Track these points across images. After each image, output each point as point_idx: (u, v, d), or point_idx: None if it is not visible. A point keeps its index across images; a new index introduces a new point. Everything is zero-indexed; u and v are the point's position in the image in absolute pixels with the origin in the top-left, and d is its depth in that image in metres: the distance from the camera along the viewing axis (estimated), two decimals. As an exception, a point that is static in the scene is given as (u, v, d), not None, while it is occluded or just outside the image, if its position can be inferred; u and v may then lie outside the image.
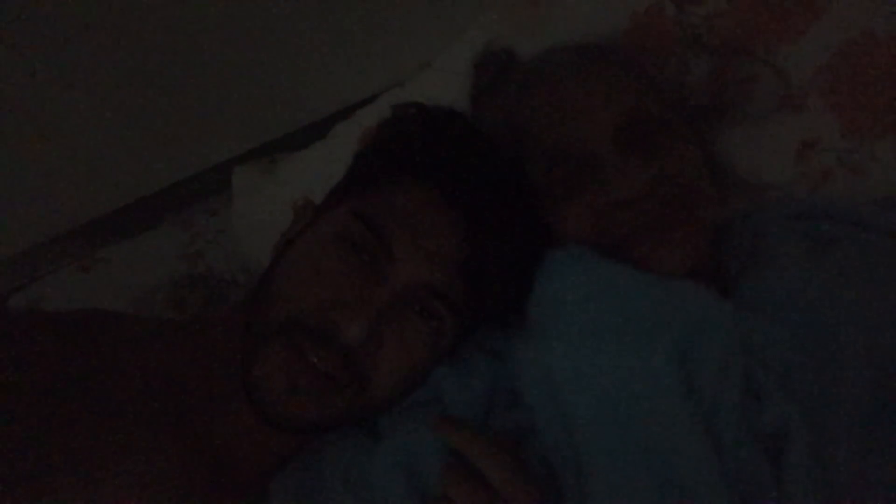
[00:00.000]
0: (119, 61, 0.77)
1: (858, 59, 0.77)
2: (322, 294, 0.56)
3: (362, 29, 0.84)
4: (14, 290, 0.87)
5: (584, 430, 0.55)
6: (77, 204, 0.88)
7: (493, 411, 0.61)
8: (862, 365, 0.56)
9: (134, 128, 0.83)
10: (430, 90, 0.83)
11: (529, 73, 0.73)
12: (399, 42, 0.86)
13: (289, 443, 0.63)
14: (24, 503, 0.50)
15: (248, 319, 0.59)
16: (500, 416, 0.61)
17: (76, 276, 0.88)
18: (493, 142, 0.65)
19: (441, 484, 0.53)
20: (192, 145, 0.89)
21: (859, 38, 0.77)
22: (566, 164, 0.63)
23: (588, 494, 0.53)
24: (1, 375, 0.54)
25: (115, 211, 0.90)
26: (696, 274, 0.60)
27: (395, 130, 0.66)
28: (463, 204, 0.59)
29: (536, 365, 0.58)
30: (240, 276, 0.92)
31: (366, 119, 0.86)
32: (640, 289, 0.57)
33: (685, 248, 0.60)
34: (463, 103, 0.81)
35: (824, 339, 0.57)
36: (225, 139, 0.90)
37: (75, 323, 0.62)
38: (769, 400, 0.55)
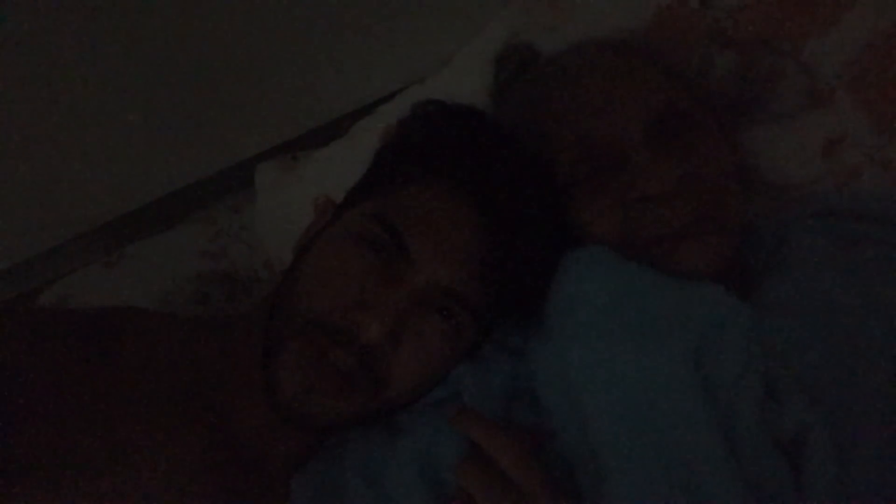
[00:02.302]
0: (143, 60, 0.78)
1: (888, 53, 0.75)
2: (342, 294, 0.56)
3: (383, 26, 0.84)
4: (41, 288, 0.88)
5: (600, 432, 0.54)
6: (103, 202, 0.89)
7: (512, 409, 0.61)
8: (885, 368, 0.55)
9: (158, 126, 0.84)
10: (451, 87, 0.83)
11: (554, 68, 0.72)
12: (419, 39, 0.86)
13: (310, 440, 0.63)
14: (52, 496, 0.51)
15: (270, 317, 0.59)
16: (519, 415, 0.60)
17: (102, 272, 0.88)
18: (514, 139, 0.64)
19: (458, 477, 0.52)
20: (216, 143, 0.90)
21: (890, 31, 0.75)
22: (592, 160, 0.62)
23: (605, 496, 0.53)
24: (30, 371, 0.55)
25: (140, 208, 0.92)
26: (720, 274, 0.59)
27: (414, 128, 0.66)
28: (483, 202, 0.58)
29: (553, 365, 0.58)
30: (263, 272, 0.93)
31: (387, 116, 0.86)
32: (657, 290, 0.57)
33: (714, 251, 0.59)
34: (484, 100, 0.81)
35: (847, 341, 0.56)
36: (247, 137, 0.91)
37: (101, 319, 0.62)
38: (790, 403, 0.54)
